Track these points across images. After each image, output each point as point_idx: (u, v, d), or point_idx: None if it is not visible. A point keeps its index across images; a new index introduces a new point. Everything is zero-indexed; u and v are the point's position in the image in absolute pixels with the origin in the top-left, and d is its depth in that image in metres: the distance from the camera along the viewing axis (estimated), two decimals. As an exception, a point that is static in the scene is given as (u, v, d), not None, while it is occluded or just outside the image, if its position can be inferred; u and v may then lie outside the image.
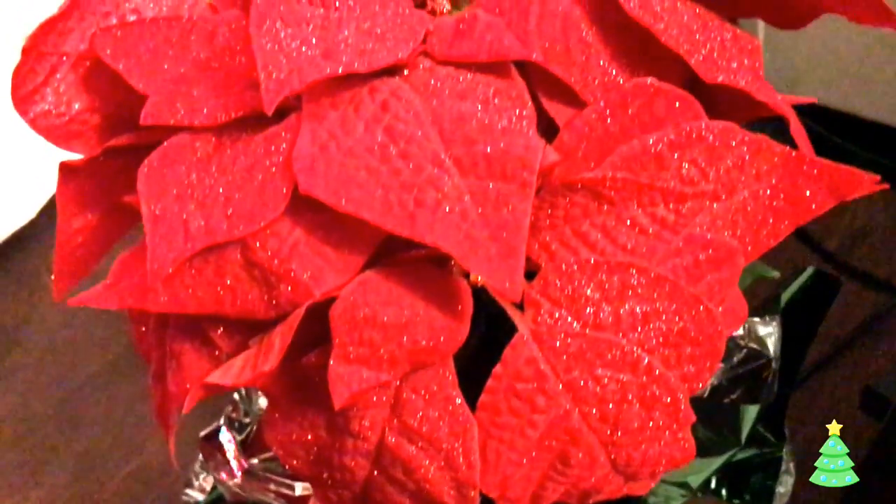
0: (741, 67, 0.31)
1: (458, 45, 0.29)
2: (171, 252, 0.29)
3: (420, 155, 0.27)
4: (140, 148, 0.33)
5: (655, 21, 0.29)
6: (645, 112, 0.30)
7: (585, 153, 0.30)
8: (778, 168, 0.31)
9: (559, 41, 0.30)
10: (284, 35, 0.30)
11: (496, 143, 0.27)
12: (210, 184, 0.30)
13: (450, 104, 0.28)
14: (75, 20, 0.36)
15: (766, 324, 0.39)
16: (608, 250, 0.29)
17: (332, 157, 0.28)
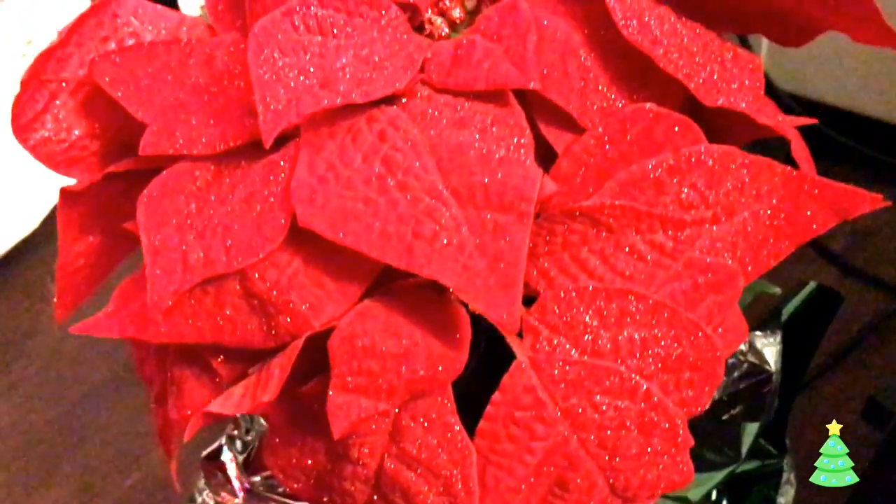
0: (742, 88, 0.31)
1: (455, 73, 0.29)
2: (171, 284, 0.29)
3: (418, 186, 0.27)
4: (140, 173, 0.33)
5: (655, 46, 0.29)
6: (644, 137, 0.30)
7: (584, 179, 0.30)
8: (779, 188, 0.31)
9: (557, 67, 0.30)
10: (282, 64, 0.30)
11: (494, 174, 0.27)
12: (209, 213, 0.30)
13: (447, 134, 0.28)
14: (74, 46, 0.36)
15: (768, 338, 0.39)
16: (607, 277, 0.29)
17: (330, 188, 0.28)
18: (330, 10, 0.31)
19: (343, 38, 0.31)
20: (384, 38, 0.31)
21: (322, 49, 0.30)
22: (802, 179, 0.31)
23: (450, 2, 0.33)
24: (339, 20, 0.31)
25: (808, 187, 0.32)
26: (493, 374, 0.29)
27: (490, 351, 0.30)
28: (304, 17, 0.31)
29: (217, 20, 0.37)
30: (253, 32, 0.30)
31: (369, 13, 0.31)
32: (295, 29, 0.31)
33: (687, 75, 0.30)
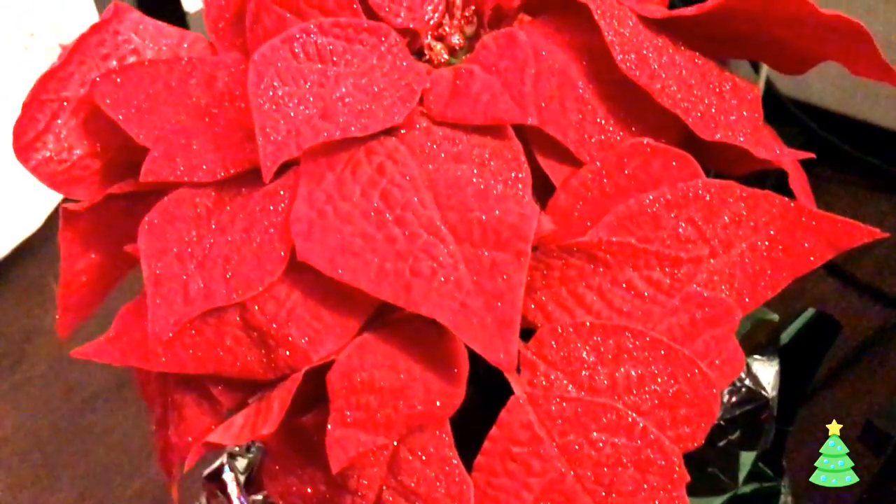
0: (740, 120, 0.31)
1: (454, 106, 0.29)
2: (172, 315, 0.29)
3: (415, 222, 0.28)
4: (141, 193, 0.33)
5: (652, 81, 0.29)
6: (641, 171, 0.30)
7: (581, 212, 0.30)
8: (776, 220, 0.31)
9: (555, 99, 0.30)
10: (282, 93, 0.30)
11: (491, 211, 0.27)
12: (210, 242, 0.30)
13: (445, 168, 0.29)
14: (75, 64, 0.36)
15: (765, 363, 0.39)
16: (604, 313, 0.29)
17: (328, 222, 0.28)
18: (330, 37, 0.31)
19: (343, 65, 0.31)
20: (383, 65, 0.31)
21: (322, 77, 0.31)
22: (800, 211, 0.31)
23: (449, 28, 0.33)
24: (338, 47, 0.31)
25: (805, 219, 0.32)
26: (491, 407, 0.29)
27: (488, 384, 0.30)
28: (303, 45, 0.31)
29: (218, 38, 0.37)
30: (253, 60, 0.30)
31: (369, 40, 0.32)
32: (294, 56, 0.31)
33: (685, 109, 0.30)
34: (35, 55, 0.92)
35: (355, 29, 0.31)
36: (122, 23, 0.37)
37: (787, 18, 0.30)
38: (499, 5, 0.33)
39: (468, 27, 0.34)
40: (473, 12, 0.34)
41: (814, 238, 0.32)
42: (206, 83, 0.35)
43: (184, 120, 0.34)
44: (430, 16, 0.33)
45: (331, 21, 0.31)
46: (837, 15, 0.29)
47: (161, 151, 0.32)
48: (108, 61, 0.37)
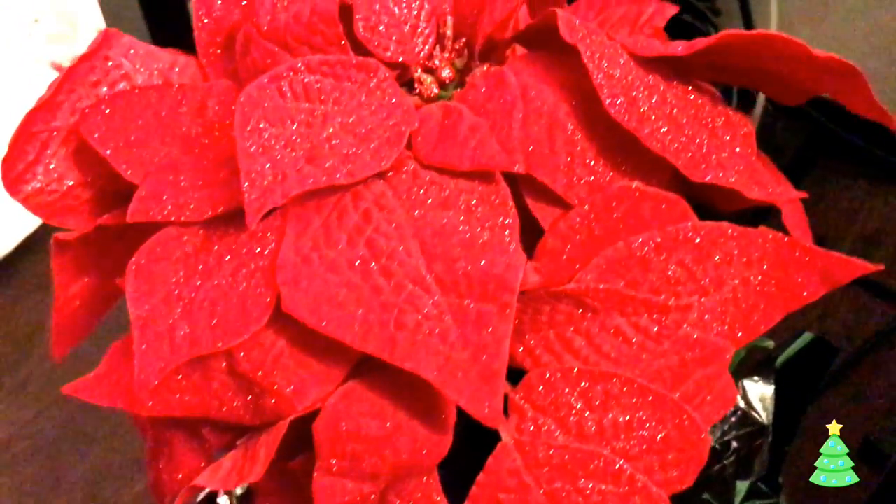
0: (732, 158, 0.31)
1: (441, 150, 0.29)
2: (157, 362, 0.29)
3: (401, 272, 0.27)
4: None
5: (641, 125, 0.29)
6: (630, 215, 0.29)
7: (570, 256, 0.30)
8: (769, 256, 0.31)
9: (544, 142, 0.30)
10: (269, 135, 0.30)
11: (477, 261, 0.27)
12: (196, 285, 0.30)
13: (432, 215, 0.28)
14: (65, 93, 0.36)
15: (760, 388, 0.39)
16: (592, 358, 0.29)
17: (314, 271, 0.28)
18: (317, 75, 0.31)
19: (331, 103, 0.31)
20: (372, 103, 0.31)
21: (309, 118, 0.30)
22: (792, 246, 0.31)
23: (439, 61, 0.33)
24: (326, 85, 0.31)
25: (798, 255, 0.31)
26: (479, 449, 0.29)
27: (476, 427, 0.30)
28: (291, 84, 0.31)
29: (209, 63, 0.36)
30: (239, 102, 0.30)
31: (357, 76, 0.31)
32: (282, 96, 0.30)
33: (674, 152, 0.29)
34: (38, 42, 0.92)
35: (343, 66, 0.31)
36: (112, 49, 0.37)
37: (781, 57, 0.30)
38: (490, 37, 0.33)
39: (458, 60, 0.33)
40: (464, 44, 0.33)
41: (807, 273, 0.31)
42: (197, 111, 0.34)
43: (173, 153, 0.34)
44: (420, 48, 0.33)
45: (318, 59, 0.31)
46: (830, 57, 0.29)
47: (148, 189, 0.31)
48: (99, 88, 0.37)
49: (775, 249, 0.31)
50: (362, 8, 0.32)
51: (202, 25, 0.37)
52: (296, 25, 0.32)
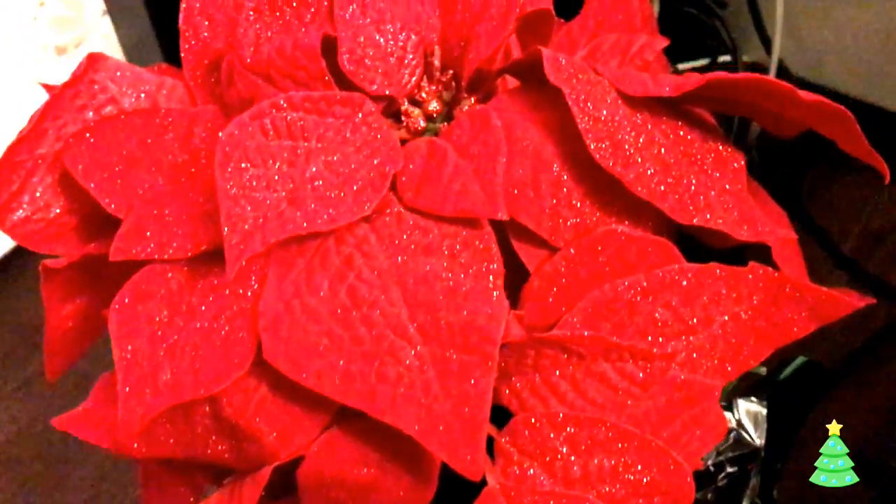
0: (722, 196, 0.30)
1: (425, 193, 0.29)
2: (142, 407, 0.29)
3: (382, 322, 0.27)
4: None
5: (627, 169, 0.28)
6: (616, 259, 0.29)
7: (556, 298, 0.29)
8: (759, 291, 0.31)
9: (529, 185, 0.29)
10: (250, 176, 0.29)
11: (460, 311, 0.27)
12: (179, 325, 0.30)
13: (415, 261, 0.28)
14: (50, 120, 0.35)
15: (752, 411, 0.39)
16: (577, 403, 0.29)
17: (295, 319, 0.28)
18: (301, 112, 0.30)
19: (314, 140, 0.30)
20: (356, 140, 0.30)
21: (292, 156, 0.30)
22: (783, 282, 0.31)
23: (426, 94, 0.33)
24: (310, 122, 0.30)
25: (789, 290, 0.31)
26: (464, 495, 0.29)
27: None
28: (273, 121, 0.30)
29: (196, 85, 0.36)
30: (220, 140, 0.30)
31: (342, 111, 0.31)
32: (264, 133, 0.30)
33: (661, 195, 0.29)
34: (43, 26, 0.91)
35: (328, 102, 0.31)
36: (97, 72, 0.36)
37: (771, 97, 0.29)
38: (479, 69, 0.32)
39: (446, 92, 0.33)
40: (451, 76, 0.33)
41: (797, 309, 0.31)
42: (183, 138, 0.34)
43: (158, 183, 0.33)
44: (406, 80, 0.33)
45: (302, 95, 0.30)
46: (820, 100, 0.28)
47: (131, 227, 0.31)
48: (85, 113, 0.36)
49: (765, 285, 0.31)
50: (347, 41, 0.32)
51: (189, 48, 0.36)
52: (279, 59, 0.31)
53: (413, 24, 0.33)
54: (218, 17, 0.36)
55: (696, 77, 0.29)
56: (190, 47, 0.36)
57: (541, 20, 0.32)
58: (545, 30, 0.32)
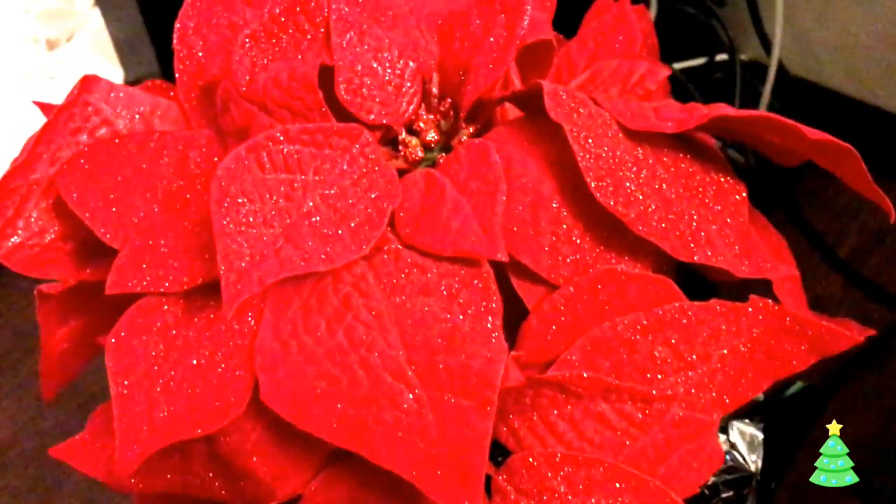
0: (723, 230, 0.30)
1: (423, 232, 0.28)
2: (139, 445, 0.28)
3: (380, 365, 0.27)
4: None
5: (627, 208, 0.28)
6: (616, 297, 0.29)
7: (554, 336, 0.29)
8: (759, 323, 0.31)
9: (528, 223, 0.29)
10: (246, 212, 0.29)
11: (458, 354, 0.27)
12: (175, 360, 0.30)
13: (413, 301, 0.28)
14: (44, 145, 0.35)
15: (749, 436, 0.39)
16: (575, 444, 0.29)
17: (292, 360, 0.27)
18: (297, 144, 0.30)
19: (311, 173, 0.30)
20: (354, 172, 0.30)
21: (288, 190, 0.30)
22: (784, 315, 0.31)
23: (424, 124, 0.32)
24: (306, 155, 0.30)
25: (789, 323, 0.31)
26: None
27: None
28: (270, 154, 0.30)
29: (191, 108, 0.36)
30: (216, 176, 0.29)
31: (339, 143, 0.30)
32: (261, 167, 0.30)
33: (662, 233, 0.29)
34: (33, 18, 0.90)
35: (324, 134, 0.30)
36: (91, 94, 0.36)
37: (776, 132, 0.29)
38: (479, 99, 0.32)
39: (444, 122, 0.32)
40: (450, 105, 0.32)
41: (797, 342, 0.31)
42: (179, 163, 0.34)
43: (153, 211, 0.33)
44: (404, 108, 0.32)
45: (298, 128, 0.30)
46: (825, 138, 0.28)
47: (127, 259, 0.31)
48: (79, 136, 0.36)
49: (765, 318, 0.30)
50: (344, 70, 0.31)
51: (184, 68, 0.36)
52: (275, 89, 0.31)
53: (411, 50, 0.32)
54: (212, 37, 0.36)
55: (700, 113, 0.29)
56: (185, 68, 0.36)
57: (541, 50, 0.31)
58: (546, 59, 0.32)
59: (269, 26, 0.32)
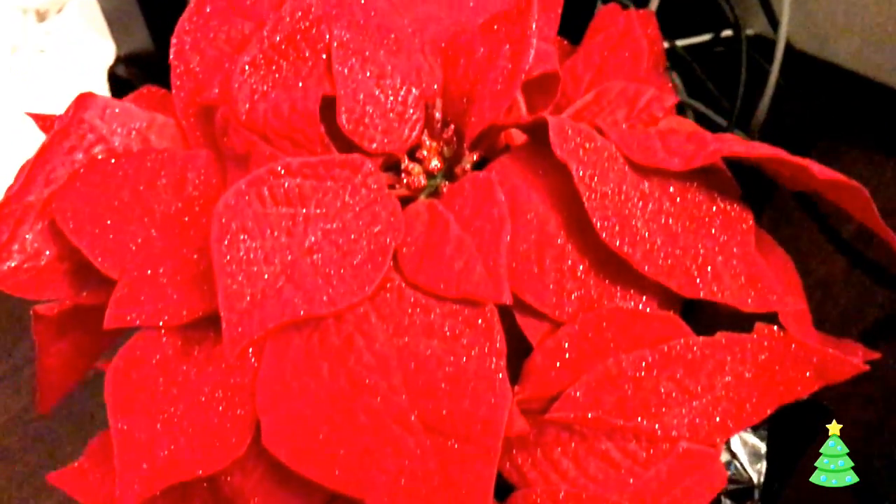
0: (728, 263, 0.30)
1: (426, 271, 0.28)
2: (139, 485, 0.28)
3: (384, 410, 0.27)
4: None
5: (634, 249, 0.28)
6: (622, 335, 0.29)
7: (558, 373, 0.29)
8: (764, 350, 0.30)
9: (533, 261, 0.28)
10: (248, 248, 0.28)
11: (462, 399, 0.27)
12: (176, 396, 0.30)
13: (416, 343, 0.27)
14: (39, 168, 0.34)
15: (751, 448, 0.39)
16: (579, 481, 0.29)
17: (295, 404, 0.27)
18: (298, 178, 0.29)
19: (313, 206, 0.29)
20: (356, 206, 0.30)
21: (290, 224, 0.29)
22: (789, 342, 0.30)
23: (427, 151, 0.32)
24: (307, 188, 0.30)
25: (794, 349, 0.30)
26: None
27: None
28: (271, 188, 0.29)
29: (189, 126, 0.35)
30: (216, 212, 0.29)
31: (341, 175, 0.30)
32: (262, 202, 0.29)
33: (668, 271, 0.28)
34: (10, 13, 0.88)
35: (326, 166, 0.30)
36: (86, 111, 0.35)
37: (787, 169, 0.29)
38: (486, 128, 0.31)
39: (447, 148, 0.32)
40: (453, 132, 0.32)
41: (802, 369, 0.31)
42: (177, 184, 0.33)
43: (152, 236, 0.33)
44: (407, 135, 0.32)
45: (300, 162, 0.29)
46: (835, 178, 0.28)
47: (125, 292, 0.31)
48: (74, 154, 0.35)
49: (770, 345, 0.30)
50: (346, 99, 0.30)
51: (181, 84, 0.35)
52: (275, 120, 0.30)
53: (414, 76, 0.32)
54: (210, 52, 0.35)
55: (709, 150, 0.28)
56: (182, 84, 0.35)
57: (547, 80, 0.30)
58: (551, 88, 0.31)
59: (269, 53, 0.31)
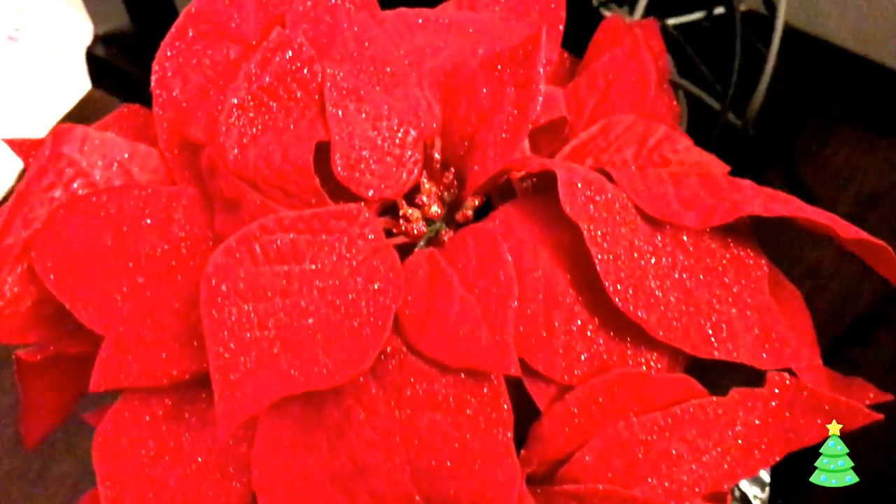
0: (742, 315, 0.29)
1: (430, 338, 0.27)
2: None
3: (386, 491, 0.26)
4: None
5: (648, 312, 0.27)
6: (632, 399, 0.27)
7: (567, 438, 0.28)
8: (775, 397, 0.29)
9: (542, 324, 0.27)
10: (239, 313, 0.27)
11: (469, 479, 0.25)
12: (167, 463, 0.28)
13: (419, 416, 0.26)
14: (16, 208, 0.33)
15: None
16: (590, 549, 0.28)
17: (294, 482, 0.26)
18: (292, 233, 0.28)
19: (308, 261, 0.28)
20: (353, 259, 0.28)
21: (284, 283, 0.28)
22: (801, 389, 0.29)
23: (426, 197, 0.30)
24: (302, 242, 0.28)
25: (805, 397, 0.30)
26: None
27: None
28: (263, 245, 0.28)
29: (173, 159, 0.33)
30: (206, 274, 0.27)
31: (336, 226, 0.28)
32: (254, 260, 0.28)
33: (683, 333, 0.27)
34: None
35: (320, 220, 0.28)
36: (63, 145, 0.33)
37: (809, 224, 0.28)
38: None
39: (448, 193, 0.30)
40: (453, 176, 0.30)
41: (813, 416, 0.30)
42: (162, 225, 0.32)
43: (138, 284, 0.31)
44: (405, 179, 0.30)
45: (293, 217, 0.28)
46: (859, 237, 0.27)
47: (111, 352, 0.29)
48: (52, 191, 0.33)
49: (781, 392, 0.29)
50: (341, 144, 0.29)
51: (163, 114, 0.33)
52: (266, 169, 0.29)
53: (412, 116, 0.30)
54: (194, 77, 0.33)
55: (726, 208, 0.27)
56: (164, 114, 0.33)
57: (554, 128, 0.29)
58: (558, 130, 0.29)
59: (258, 94, 0.29)
